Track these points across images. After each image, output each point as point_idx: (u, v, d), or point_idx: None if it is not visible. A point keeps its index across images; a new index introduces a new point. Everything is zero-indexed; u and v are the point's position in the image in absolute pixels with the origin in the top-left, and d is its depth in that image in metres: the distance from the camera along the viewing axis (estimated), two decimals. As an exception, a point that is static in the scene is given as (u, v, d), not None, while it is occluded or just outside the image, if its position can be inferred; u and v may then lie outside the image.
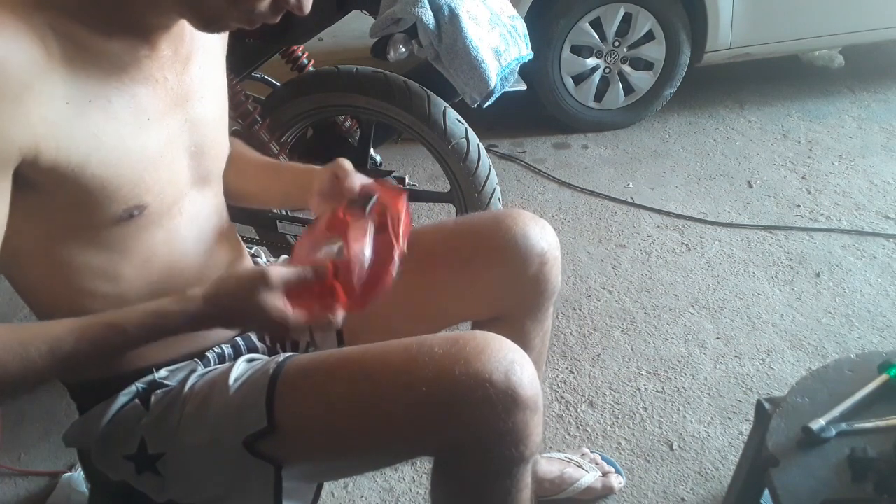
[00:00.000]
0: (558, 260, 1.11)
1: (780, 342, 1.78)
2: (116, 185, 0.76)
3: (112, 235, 0.80)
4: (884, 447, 0.91)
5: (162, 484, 0.88)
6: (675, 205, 2.38)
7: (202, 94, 0.86)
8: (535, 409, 0.79)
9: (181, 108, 0.83)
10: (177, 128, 0.83)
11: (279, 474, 0.84)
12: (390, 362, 0.81)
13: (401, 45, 1.60)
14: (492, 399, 0.76)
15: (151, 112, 0.79)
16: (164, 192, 0.82)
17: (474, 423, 0.77)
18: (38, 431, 1.58)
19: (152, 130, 0.79)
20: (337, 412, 0.82)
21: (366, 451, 0.86)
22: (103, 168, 0.74)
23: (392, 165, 2.12)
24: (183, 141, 0.85)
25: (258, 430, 0.82)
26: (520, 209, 1.10)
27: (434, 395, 0.77)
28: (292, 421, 0.83)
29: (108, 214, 0.78)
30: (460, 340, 0.80)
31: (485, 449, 0.79)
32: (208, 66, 0.88)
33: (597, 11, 2.66)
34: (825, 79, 3.25)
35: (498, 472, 0.83)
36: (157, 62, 0.79)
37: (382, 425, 0.81)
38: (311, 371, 0.86)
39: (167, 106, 0.81)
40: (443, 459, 0.86)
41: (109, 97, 0.74)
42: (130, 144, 0.76)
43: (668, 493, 1.41)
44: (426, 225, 1.17)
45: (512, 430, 0.78)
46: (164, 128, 0.81)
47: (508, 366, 0.78)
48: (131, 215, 0.79)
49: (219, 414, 0.86)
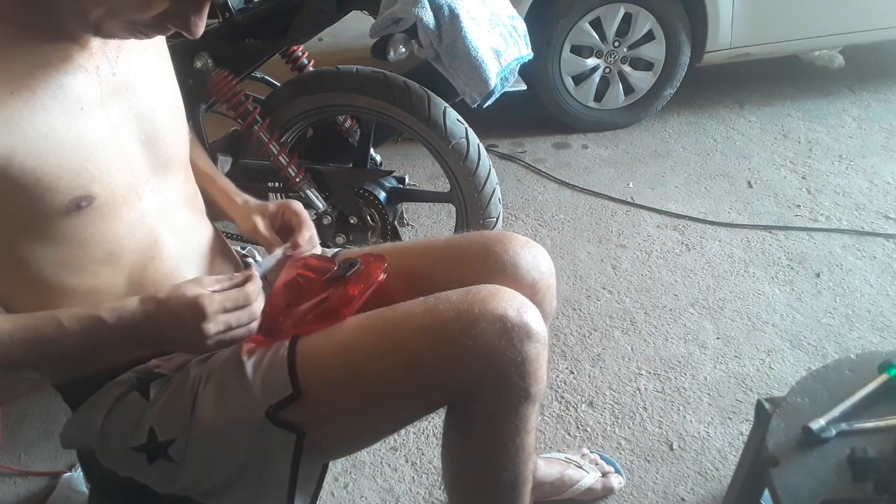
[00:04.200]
0: (552, 287, 1.10)
1: (780, 342, 1.78)
2: (54, 176, 0.76)
3: (65, 227, 0.80)
4: (884, 447, 0.91)
5: (175, 470, 0.89)
6: (675, 205, 2.38)
7: (144, 81, 0.87)
8: (545, 344, 0.88)
9: (121, 97, 0.84)
10: (120, 117, 0.84)
11: (300, 442, 0.86)
12: (412, 312, 0.88)
13: (401, 45, 1.60)
14: (508, 331, 0.84)
15: (85, 101, 0.79)
16: (115, 181, 0.83)
17: (492, 353, 0.84)
18: (38, 431, 1.59)
19: (89, 120, 0.80)
20: (362, 361, 0.86)
21: (389, 399, 0.88)
22: (33, 159, 0.74)
23: (392, 165, 2.12)
24: (130, 130, 0.86)
25: (283, 398, 0.84)
26: (513, 233, 1.08)
27: (456, 331, 0.84)
28: (317, 383, 0.86)
29: (53, 206, 0.78)
30: (473, 289, 0.88)
31: (498, 379, 0.86)
32: (148, 56, 0.89)
33: (597, 11, 2.66)
34: (825, 79, 3.25)
35: (507, 407, 0.89)
36: (86, 53, 0.80)
37: (407, 367, 0.86)
38: (332, 332, 0.89)
39: (103, 95, 0.82)
40: (457, 404, 0.92)
41: (33, 88, 0.74)
42: (63, 135, 0.77)
43: (668, 493, 1.41)
44: (415, 243, 1.16)
45: (524, 361, 0.85)
46: (103, 117, 0.81)
47: (520, 306, 0.87)
48: (79, 206, 0.79)
49: (237, 389, 0.87)
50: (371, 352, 0.87)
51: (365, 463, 1.50)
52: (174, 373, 0.92)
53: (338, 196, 1.75)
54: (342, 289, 0.94)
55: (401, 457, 1.51)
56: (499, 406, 0.89)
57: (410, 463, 1.50)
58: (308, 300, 0.94)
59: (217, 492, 0.91)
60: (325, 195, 1.75)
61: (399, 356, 0.86)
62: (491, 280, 0.95)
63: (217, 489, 0.91)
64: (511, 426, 0.91)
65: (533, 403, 0.91)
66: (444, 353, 0.85)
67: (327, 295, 0.94)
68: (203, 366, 0.92)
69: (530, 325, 0.86)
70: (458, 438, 0.97)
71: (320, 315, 0.92)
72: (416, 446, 1.53)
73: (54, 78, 0.76)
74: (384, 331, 0.88)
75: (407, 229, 2.04)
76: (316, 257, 1.04)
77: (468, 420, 0.93)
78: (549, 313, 1.10)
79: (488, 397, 0.88)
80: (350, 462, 1.49)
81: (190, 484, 0.91)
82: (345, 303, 0.92)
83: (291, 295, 0.96)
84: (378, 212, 1.76)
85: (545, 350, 0.88)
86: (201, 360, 0.93)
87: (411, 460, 1.50)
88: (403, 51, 1.60)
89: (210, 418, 0.87)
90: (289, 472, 0.87)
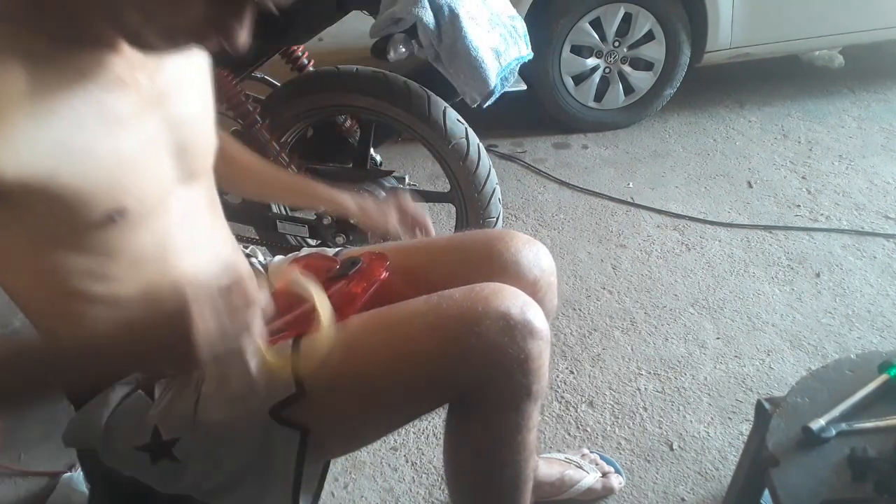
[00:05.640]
0: (553, 285, 1.11)
1: (780, 342, 1.78)
2: (91, 192, 0.75)
3: (96, 239, 0.80)
4: (884, 447, 0.91)
5: (179, 470, 0.89)
6: (675, 205, 2.38)
7: (180, 91, 0.86)
8: (547, 341, 0.89)
9: (157, 107, 0.83)
10: (154, 128, 0.82)
11: (304, 441, 0.86)
12: (415, 310, 0.89)
13: (401, 45, 1.60)
14: (511, 328, 0.85)
15: (123, 115, 0.78)
16: (146, 193, 0.82)
17: (495, 351, 0.85)
18: (38, 431, 1.58)
19: (125, 133, 0.78)
20: (365, 359, 0.87)
21: (392, 397, 0.89)
22: (73, 176, 0.73)
23: (392, 165, 2.12)
24: (163, 140, 0.84)
25: (286, 397, 0.85)
26: (514, 231, 1.10)
27: (459, 328, 0.84)
28: (320, 381, 0.85)
29: (88, 220, 0.77)
30: (476, 287, 0.89)
31: (501, 376, 0.86)
32: (185, 63, 0.88)
33: (597, 11, 2.66)
34: (825, 79, 3.25)
35: (509, 404, 0.90)
36: (125, 65, 0.78)
37: (410, 365, 0.86)
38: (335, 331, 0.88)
39: (141, 108, 0.80)
40: (459, 402, 0.93)
41: (74, 105, 0.73)
42: (100, 150, 0.75)
43: (668, 493, 1.41)
44: (417, 242, 1.16)
45: (528, 359, 0.86)
46: (139, 130, 0.80)
47: (523, 304, 0.87)
48: (112, 219, 0.79)
49: (241, 388, 0.86)
50: (374, 350, 0.87)
51: (365, 463, 1.50)
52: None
53: (338, 196, 1.75)
54: (345, 287, 0.94)
55: (401, 457, 1.51)
56: (501, 403, 0.90)
57: (410, 463, 1.50)
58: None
59: (221, 491, 0.91)
60: (325, 195, 1.75)
61: (403, 354, 0.86)
62: (493, 278, 0.95)
63: (221, 488, 0.91)
64: (513, 424, 0.92)
65: (535, 401, 0.91)
66: (447, 351, 0.85)
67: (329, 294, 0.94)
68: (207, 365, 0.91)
69: (533, 323, 0.86)
70: (459, 436, 0.98)
71: None
72: (416, 446, 1.53)
73: (94, 94, 0.75)
74: (387, 329, 0.88)
75: (407, 229, 2.04)
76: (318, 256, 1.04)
77: (470, 418, 0.93)
78: (551, 311, 1.11)
79: (491, 395, 0.89)
80: (350, 462, 1.49)
81: (193, 483, 0.90)
82: (347, 301, 0.92)
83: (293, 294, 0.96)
84: (378, 212, 1.76)
85: (548, 348, 0.89)
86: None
87: (411, 460, 1.50)
88: (403, 51, 1.60)
89: (214, 417, 0.87)
90: (293, 470, 0.87)
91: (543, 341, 0.88)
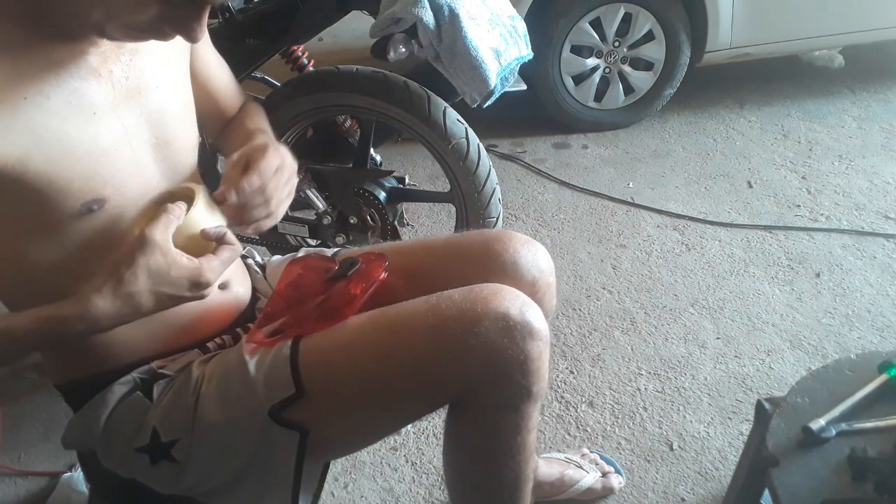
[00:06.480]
0: (552, 286, 1.10)
1: (780, 342, 1.78)
2: (67, 180, 0.76)
3: (75, 230, 0.80)
4: (884, 447, 0.91)
5: (178, 471, 0.89)
6: (675, 205, 2.38)
7: (157, 84, 0.86)
8: (547, 342, 0.89)
9: (134, 100, 0.83)
10: (132, 121, 0.83)
11: (304, 441, 0.86)
12: (414, 311, 0.88)
13: (401, 45, 1.60)
14: (510, 329, 0.85)
15: (98, 106, 0.79)
16: (126, 185, 0.82)
17: (495, 351, 0.85)
18: (38, 431, 1.59)
19: (101, 124, 0.79)
20: (364, 360, 0.87)
21: (392, 398, 0.89)
22: (47, 164, 0.74)
23: (392, 165, 2.12)
24: (141, 134, 0.85)
25: (285, 398, 0.85)
26: (513, 232, 1.09)
27: (459, 329, 0.84)
28: (319, 382, 0.86)
29: (65, 210, 0.78)
30: (476, 288, 0.89)
31: (501, 377, 0.86)
32: (163, 56, 0.88)
33: (597, 11, 2.66)
34: (825, 79, 3.25)
35: (509, 405, 0.90)
36: (99, 56, 0.79)
37: (410, 365, 0.86)
38: (334, 331, 0.89)
39: (116, 99, 0.81)
40: (458, 402, 0.92)
41: (47, 93, 0.74)
42: (76, 139, 0.76)
43: (668, 493, 1.41)
44: (415, 242, 1.16)
45: (527, 360, 0.86)
46: (115, 121, 0.81)
47: (522, 305, 0.87)
48: (90, 209, 0.79)
49: (240, 388, 0.87)
50: (374, 351, 0.87)
51: (365, 463, 1.50)
52: (177, 373, 0.92)
53: (338, 196, 1.75)
54: (343, 288, 0.94)
55: (401, 457, 1.51)
56: (501, 404, 0.90)
57: (410, 463, 1.50)
58: (309, 300, 0.94)
59: (220, 492, 0.91)
60: (325, 195, 1.75)
61: (402, 355, 0.86)
62: (491, 278, 0.95)
63: (220, 489, 0.91)
64: (513, 424, 0.92)
65: (535, 402, 0.91)
66: (447, 352, 0.85)
67: (329, 294, 0.94)
68: (206, 366, 0.92)
69: (533, 324, 0.86)
70: (459, 437, 0.98)
71: (322, 315, 0.92)
72: (416, 446, 1.53)
73: (67, 83, 0.76)
74: (387, 330, 0.88)
75: (407, 229, 2.04)
76: (317, 257, 1.04)
77: (470, 418, 0.94)
78: (550, 311, 1.10)
79: (491, 395, 0.89)
80: (350, 462, 1.49)
81: (193, 484, 0.90)
82: (346, 302, 0.92)
83: (292, 295, 0.96)
84: (378, 212, 1.76)
85: (547, 348, 0.89)
86: (204, 360, 0.93)
87: (411, 460, 1.50)
88: (403, 51, 1.60)
89: (213, 418, 0.87)
90: (293, 470, 0.87)
91: (543, 342, 0.88)
